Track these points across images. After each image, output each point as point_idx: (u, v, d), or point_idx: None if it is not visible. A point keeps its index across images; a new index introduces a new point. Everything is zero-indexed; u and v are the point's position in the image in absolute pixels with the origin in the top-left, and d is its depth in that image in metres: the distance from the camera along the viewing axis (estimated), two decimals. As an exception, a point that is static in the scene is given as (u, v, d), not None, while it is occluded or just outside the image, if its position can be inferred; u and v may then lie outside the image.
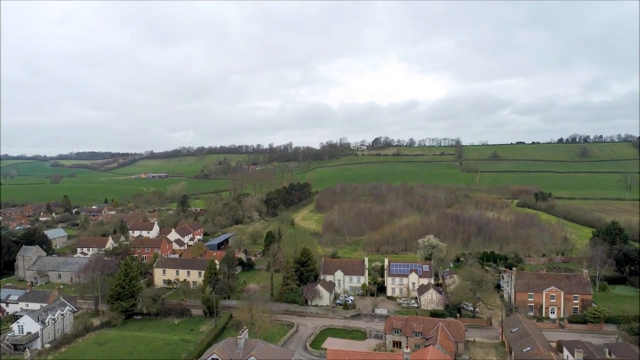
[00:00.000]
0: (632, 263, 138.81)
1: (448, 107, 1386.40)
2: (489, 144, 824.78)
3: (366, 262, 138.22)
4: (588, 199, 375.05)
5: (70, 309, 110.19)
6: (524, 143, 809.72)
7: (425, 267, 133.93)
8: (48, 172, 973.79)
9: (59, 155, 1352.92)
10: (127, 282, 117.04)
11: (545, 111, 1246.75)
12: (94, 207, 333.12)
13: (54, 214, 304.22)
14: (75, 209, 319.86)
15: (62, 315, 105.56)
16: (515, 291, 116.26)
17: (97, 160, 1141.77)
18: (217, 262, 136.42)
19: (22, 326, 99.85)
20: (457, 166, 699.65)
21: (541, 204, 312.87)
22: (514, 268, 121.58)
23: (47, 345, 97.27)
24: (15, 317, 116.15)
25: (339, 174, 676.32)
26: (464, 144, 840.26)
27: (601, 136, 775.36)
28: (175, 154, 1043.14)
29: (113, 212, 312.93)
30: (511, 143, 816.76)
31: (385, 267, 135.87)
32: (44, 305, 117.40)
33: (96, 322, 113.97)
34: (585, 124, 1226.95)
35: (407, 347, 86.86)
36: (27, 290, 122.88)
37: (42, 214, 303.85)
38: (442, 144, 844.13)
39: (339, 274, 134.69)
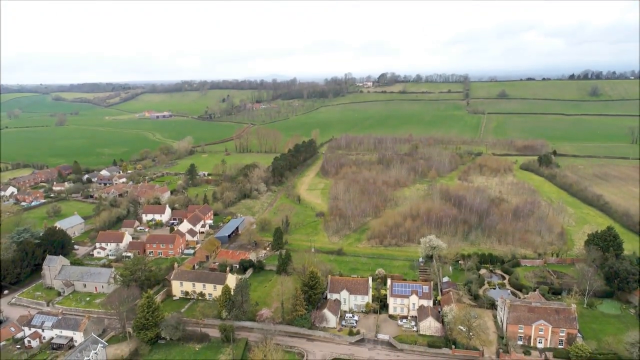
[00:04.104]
0: (621, 280, 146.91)
1: (469, 30, 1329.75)
2: (498, 79, 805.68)
3: (370, 282, 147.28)
4: (592, 157, 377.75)
5: (102, 344, 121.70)
6: (533, 79, 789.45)
7: (425, 289, 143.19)
8: (50, 107, 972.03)
9: (59, 86, 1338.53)
10: (149, 313, 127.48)
11: (573, 34, 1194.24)
12: (103, 171, 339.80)
13: (66, 183, 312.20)
14: (86, 176, 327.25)
15: (95, 354, 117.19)
16: (507, 323, 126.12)
17: (99, 93, 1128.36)
18: (230, 284, 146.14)
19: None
20: (463, 106, 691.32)
21: (544, 170, 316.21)
22: (507, 300, 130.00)
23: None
24: (51, 345, 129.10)
25: (344, 116, 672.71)
26: (472, 79, 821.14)
27: (614, 72, 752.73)
28: (178, 89, 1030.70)
29: (124, 180, 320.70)
30: (520, 79, 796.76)
31: (388, 287, 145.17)
32: (76, 333, 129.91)
33: (124, 348, 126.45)
34: (613, 45, 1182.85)
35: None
36: (59, 317, 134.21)
37: (54, 183, 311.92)
38: (450, 80, 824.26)
39: (344, 293, 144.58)
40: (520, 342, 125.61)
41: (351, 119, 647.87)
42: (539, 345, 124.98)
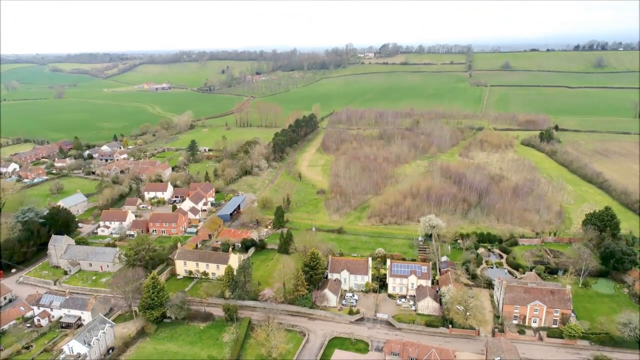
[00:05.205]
0: (616, 260, 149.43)
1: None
2: (502, 50, 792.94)
3: (369, 262, 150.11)
4: (594, 131, 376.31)
5: (110, 324, 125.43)
6: (537, 50, 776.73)
7: (424, 269, 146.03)
8: (48, 78, 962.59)
9: (56, 57, 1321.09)
10: (155, 293, 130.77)
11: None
12: (104, 147, 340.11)
13: (67, 159, 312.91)
14: (87, 152, 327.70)
15: (104, 333, 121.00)
16: (503, 303, 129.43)
17: (97, 64, 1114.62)
18: (232, 264, 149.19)
19: (71, 348, 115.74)
20: (466, 78, 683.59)
21: (545, 146, 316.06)
22: (504, 281, 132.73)
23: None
24: (60, 324, 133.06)
25: (345, 88, 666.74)
26: (475, 50, 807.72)
27: (620, 43, 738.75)
28: (176, 59, 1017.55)
29: (125, 156, 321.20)
30: (524, 50, 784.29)
31: (387, 268, 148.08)
32: (84, 312, 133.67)
33: (131, 327, 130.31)
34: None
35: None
36: (67, 297, 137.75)
37: (56, 159, 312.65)
38: (453, 51, 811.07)
39: (344, 273, 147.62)
40: (515, 322, 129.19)
41: (352, 91, 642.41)
42: (534, 325, 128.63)
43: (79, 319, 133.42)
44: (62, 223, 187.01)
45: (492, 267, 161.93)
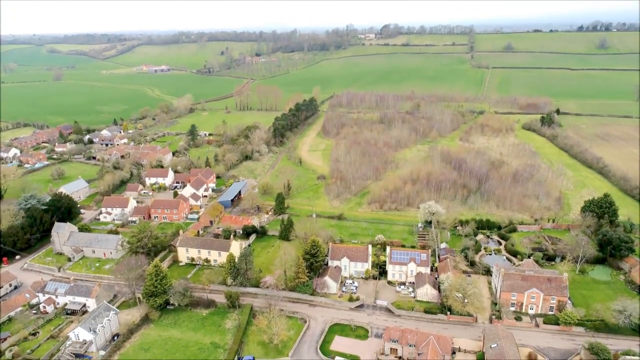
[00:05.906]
0: (613, 247, 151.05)
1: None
2: (504, 31, 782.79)
3: (369, 250, 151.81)
4: (595, 115, 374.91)
5: (114, 311, 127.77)
6: (540, 31, 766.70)
7: (423, 256, 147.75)
8: (46, 60, 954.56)
9: (53, 37, 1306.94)
10: (158, 281, 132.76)
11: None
12: (104, 131, 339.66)
13: (68, 144, 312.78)
14: (88, 137, 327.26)
15: (108, 320, 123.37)
16: (501, 291, 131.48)
17: (94, 45, 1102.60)
18: (234, 252, 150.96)
19: (77, 334, 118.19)
20: (468, 60, 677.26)
21: (546, 130, 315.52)
22: (502, 269, 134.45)
23: (102, 353, 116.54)
24: (65, 311, 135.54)
25: (345, 70, 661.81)
26: (477, 31, 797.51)
27: (624, 23, 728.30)
28: (175, 40, 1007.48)
29: (125, 141, 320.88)
30: (527, 31, 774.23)
31: (387, 255, 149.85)
32: (88, 299, 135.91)
33: (135, 314, 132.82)
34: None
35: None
36: (71, 284, 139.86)
37: (56, 144, 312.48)
38: (454, 32, 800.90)
39: (345, 261, 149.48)
40: (512, 309, 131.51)
41: (353, 73, 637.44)
42: (530, 312, 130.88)
43: (84, 305, 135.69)
44: (65, 209, 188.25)
45: (490, 254, 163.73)
